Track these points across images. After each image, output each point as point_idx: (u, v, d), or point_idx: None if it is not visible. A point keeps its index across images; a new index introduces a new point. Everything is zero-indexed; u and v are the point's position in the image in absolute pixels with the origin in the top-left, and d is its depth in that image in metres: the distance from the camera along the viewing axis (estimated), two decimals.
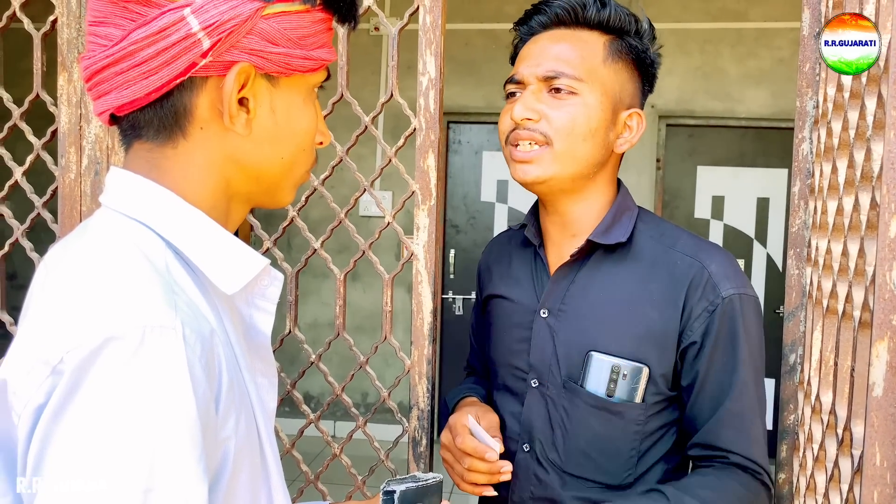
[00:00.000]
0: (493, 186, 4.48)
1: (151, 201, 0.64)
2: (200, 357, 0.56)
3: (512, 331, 1.09)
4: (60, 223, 1.25)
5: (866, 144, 0.75)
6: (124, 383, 0.51)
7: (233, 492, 0.61)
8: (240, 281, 0.66)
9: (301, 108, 0.68)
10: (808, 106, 1.07)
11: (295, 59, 0.65)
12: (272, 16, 0.62)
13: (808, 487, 0.95)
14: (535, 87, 1.01)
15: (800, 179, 1.08)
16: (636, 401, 0.99)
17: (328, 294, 4.47)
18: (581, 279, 1.04)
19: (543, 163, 1.00)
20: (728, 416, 0.96)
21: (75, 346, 0.52)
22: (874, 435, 0.65)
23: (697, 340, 0.98)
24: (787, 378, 1.10)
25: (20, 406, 0.53)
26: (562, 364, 1.03)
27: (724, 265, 1.00)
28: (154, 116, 0.63)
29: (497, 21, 4.17)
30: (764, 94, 4.17)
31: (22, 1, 1.26)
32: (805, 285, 1.07)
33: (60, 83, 1.24)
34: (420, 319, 1.16)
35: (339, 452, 1.25)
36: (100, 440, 0.50)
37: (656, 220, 1.08)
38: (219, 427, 0.58)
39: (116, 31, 0.60)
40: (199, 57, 0.60)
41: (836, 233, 0.88)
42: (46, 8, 1.24)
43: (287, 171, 0.70)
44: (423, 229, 1.15)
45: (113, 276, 0.57)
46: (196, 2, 0.60)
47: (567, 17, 1.02)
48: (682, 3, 4.23)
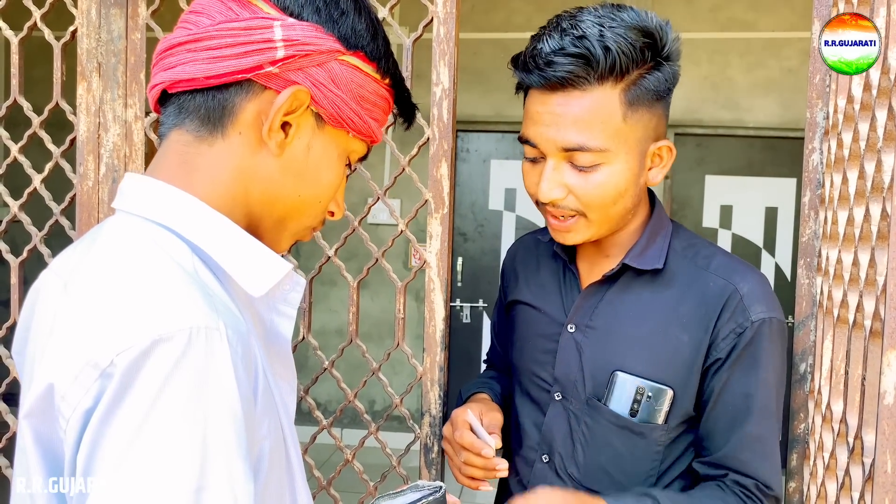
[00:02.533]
0: (500, 195, 4.50)
1: (174, 204, 0.64)
2: (242, 357, 0.57)
3: (537, 340, 1.09)
4: (78, 230, 1.27)
5: (877, 156, 0.76)
6: (174, 384, 0.52)
7: (266, 490, 0.62)
8: (266, 284, 0.67)
9: (333, 162, 0.71)
10: (818, 117, 1.08)
11: (348, 108, 0.68)
12: (346, 63, 0.67)
13: (818, 496, 0.95)
14: (555, 161, 0.95)
15: (810, 190, 1.09)
16: (658, 422, 0.99)
17: (336, 301, 4.49)
18: (611, 298, 1.04)
19: (580, 230, 0.99)
20: (748, 440, 0.97)
21: (124, 348, 0.52)
22: (885, 443, 0.66)
23: (721, 357, 0.97)
24: (798, 387, 1.11)
25: (68, 410, 0.54)
26: (587, 381, 1.03)
27: (756, 288, 0.98)
28: (203, 104, 0.65)
29: (506, 31, 4.20)
30: (772, 104, 4.18)
31: (43, 11, 1.28)
32: (815, 295, 1.08)
33: (80, 92, 1.26)
34: (433, 327, 1.17)
35: (351, 458, 1.26)
36: (151, 440, 0.51)
37: (690, 237, 1.07)
38: (256, 426, 0.60)
39: (207, 20, 0.64)
40: (269, 63, 0.63)
41: (847, 243, 0.88)
42: (67, 19, 1.27)
43: (297, 212, 0.71)
44: (435, 237, 1.17)
45: (152, 277, 0.58)
46: (288, 20, 0.64)
47: (573, 80, 0.91)
48: (691, 13, 4.24)
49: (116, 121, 1.25)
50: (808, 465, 1.06)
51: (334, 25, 0.66)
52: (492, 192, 4.51)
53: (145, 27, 1.25)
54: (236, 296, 0.65)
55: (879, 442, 0.67)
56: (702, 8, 4.23)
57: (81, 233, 1.26)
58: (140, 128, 1.25)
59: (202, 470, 0.52)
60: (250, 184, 0.68)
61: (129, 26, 1.24)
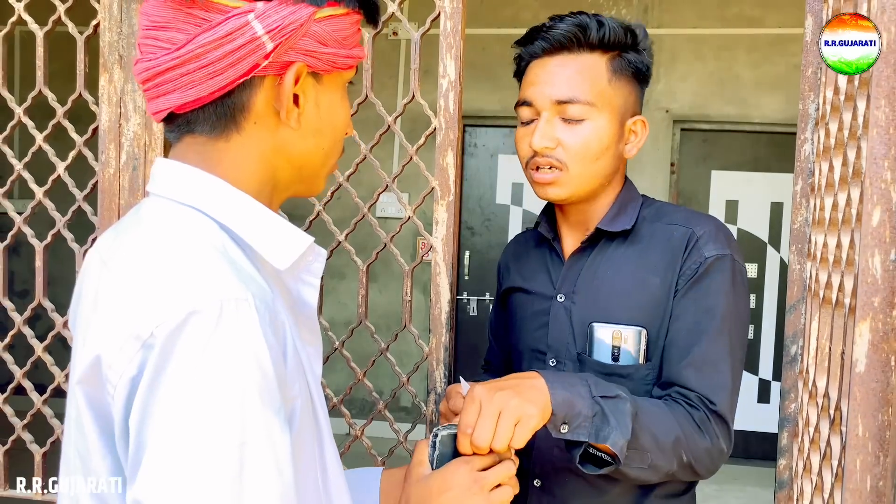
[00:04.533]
0: (508, 189, 4.55)
1: (203, 188, 0.69)
2: (270, 323, 0.62)
3: (533, 319, 1.18)
4: (100, 215, 1.33)
5: (857, 143, 0.81)
6: (210, 352, 0.57)
7: (300, 447, 0.67)
8: (290, 256, 0.71)
9: (339, 102, 0.76)
10: (810, 108, 1.12)
11: (340, 57, 0.72)
12: (322, 19, 0.69)
13: (805, 469, 1.00)
14: (548, 114, 1.08)
15: (801, 179, 1.13)
16: (640, 362, 1.08)
17: (345, 294, 4.54)
18: (590, 263, 1.15)
19: (562, 185, 1.10)
20: (693, 361, 1.04)
21: (162, 321, 0.58)
22: (857, 408, 0.71)
23: (680, 290, 1.08)
24: (789, 368, 1.15)
25: (115, 378, 0.59)
26: (577, 340, 1.12)
27: (712, 230, 1.10)
28: (213, 113, 0.68)
29: (513, 26, 4.23)
30: (778, 100, 4.20)
31: (67, 6, 1.34)
32: (805, 279, 1.13)
33: (102, 83, 1.31)
34: (438, 309, 1.22)
35: (360, 434, 1.31)
36: (194, 404, 0.56)
37: (658, 205, 1.18)
38: (288, 386, 0.64)
39: (180, 36, 0.65)
40: (263, 58, 0.66)
41: (832, 227, 0.93)
42: (89, 13, 1.32)
43: (325, 160, 0.76)
44: (441, 223, 1.22)
45: (185, 255, 0.63)
46: (258, 7, 0.65)
47: (570, 42, 1.08)
48: (698, 10, 4.27)
49: (137, 111, 1.31)
50: (797, 442, 1.11)
51: None
52: (499, 187, 4.56)
53: None
54: (263, 269, 0.70)
55: (851, 407, 0.71)
56: (709, 4, 4.26)
57: (103, 218, 1.32)
58: None
59: (243, 426, 0.58)
60: (276, 160, 0.72)
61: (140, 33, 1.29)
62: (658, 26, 4.28)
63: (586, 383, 0.94)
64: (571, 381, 0.94)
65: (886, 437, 0.70)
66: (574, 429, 0.92)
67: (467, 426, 0.85)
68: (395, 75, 4.45)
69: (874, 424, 0.70)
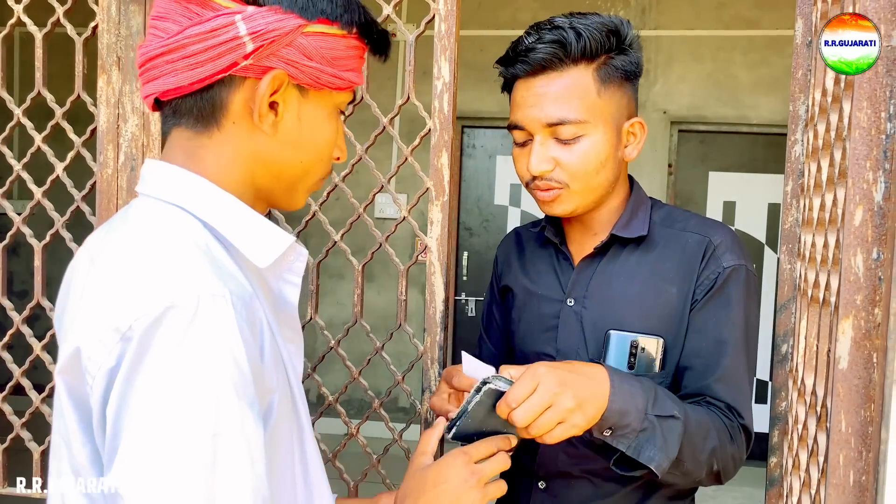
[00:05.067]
0: (506, 190, 4.56)
1: (188, 187, 0.72)
2: (247, 320, 0.64)
3: (539, 321, 1.17)
4: (98, 216, 1.34)
5: (843, 144, 0.82)
6: (186, 345, 0.59)
7: (277, 440, 0.69)
8: (271, 255, 0.74)
9: (324, 121, 0.77)
10: (800, 110, 1.13)
11: (325, 75, 0.73)
12: (312, 34, 0.71)
13: (794, 466, 1.01)
14: (541, 136, 1.06)
15: (792, 179, 1.15)
16: (655, 370, 1.08)
17: (343, 294, 4.56)
18: (602, 268, 1.14)
19: (565, 201, 1.09)
20: (721, 373, 1.06)
21: (140, 314, 0.60)
22: (840, 404, 0.72)
23: (698, 300, 1.08)
24: (779, 367, 1.16)
25: (94, 369, 0.61)
26: (589, 346, 1.12)
27: (728, 240, 1.11)
28: (194, 105, 0.71)
29: (512, 28, 4.25)
30: (775, 101, 4.22)
31: (66, 7, 1.35)
32: (796, 279, 1.14)
33: (100, 85, 1.33)
34: (433, 308, 1.23)
35: (356, 432, 1.32)
36: (169, 396, 0.59)
37: (667, 209, 1.18)
38: (265, 380, 0.67)
39: (174, 27, 0.69)
40: (242, 58, 0.68)
41: (820, 227, 0.94)
42: (87, 15, 1.33)
43: (304, 175, 0.78)
44: (436, 223, 1.23)
45: (166, 252, 0.65)
46: (248, 10, 0.68)
47: (551, 61, 1.04)
48: (695, 11, 4.28)
49: (135, 112, 1.32)
50: (787, 439, 1.12)
51: (292, 1, 0.70)
52: (497, 188, 4.57)
53: None
54: (245, 267, 0.72)
55: (834, 403, 0.72)
56: (706, 6, 4.28)
57: (101, 218, 1.33)
58: (157, 118, 1.32)
59: (217, 418, 0.59)
60: (253, 165, 0.74)
61: (148, 22, 1.31)
62: (655, 27, 4.30)
63: (646, 397, 0.95)
64: (633, 391, 0.94)
65: (869, 432, 0.71)
66: (617, 437, 0.94)
67: (515, 399, 0.85)
68: (394, 76, 4.46)
69: (857, 420, 0.72)
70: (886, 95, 0.72)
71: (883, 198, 0.72)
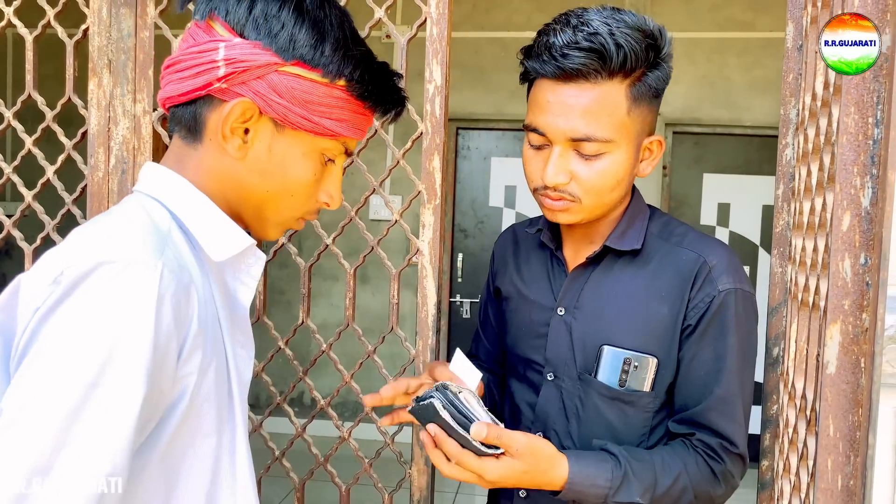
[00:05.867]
0: (500, 192, 4.56)
1: (166, 184, 0.78)
2: (173, 295, 0.67)
3: (530, 327, 1.16)
4: (89, 219, 1.33)
5: (832, 148, 0.82)
6: (102, 297, 0.64)
7: (193, 430, 0.72)
8: (227, 251, 0.79)
9: (298, 160, 0.79)
10: (791, 114, 1.14)
11: (292, 113, 0.76)
12: (286, 73, 0.75)
13: (784, 469, 1.01)
14: (562, 148, 1.01)
15: (783, 183, 1.15)
16: (645, 389, 1.07)
17: (338, 297, 4.55)
18: (595, 279, 1.11)
19: (573, 213, 1.05)
20: (715, 401, 1.04)
21: (74, 264, 0.65)
22: (828, 408, 0.72)
23: (692, 324, 1.05)
24: (771, 370, 1.17)
25: (26, 310, 0.66)
26: (577, 358, 1.10)
27: (724, 261, 1.06)
28: (183, 116, 0.78)
29: (506, 30, 4.25)
30: (770, 103, 4.23)
31: (56, 10, 1.35)
32: (787, 283, 1.14)
33: (91, 88, 1.32)
34: (425, 312, 1.23)
35: (347, 436, 1.32)
36: (69, 338, 0.63)
37: (665, 220, 1.14)
38: (181, 362, 0.69)
39: (185, 44, 0.78)
40: (216, 80, 0.74)
41: (810, 231, 0.94)
42: (78, 17, 1.33)
43: (270, 204, 0.81)
44: (428, 227, 1.23)
45: (119, 225, 0.71)
46: (234, 40, 0.74)
47: (586, 73, 0.97)
48: (690, 13, 4.29)
49: (126, 115, 1.32)
50: (778, 442, 1.12)
51: (273, 39, 0.74)
52: (492, 189, 4.57)
53: (153, 26, 1.31)
54: (204, 261, 0.77)
55: (822, 408, 0.73)
56: (700, 8, 4.29)
57: None
58: (148, 122, 1.32)
59: (101, 370, 0.63)
60: (223, 181, 0.79)
61: (139, 25, 1.31)
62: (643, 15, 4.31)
63: (610, 485, 0.98)
64: (596, 482, 0.98)
65: (857, 437, 0.71)
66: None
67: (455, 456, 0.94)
68: None
69: (845, 425, 0.72)
70: (874, 101, 0.72)
71: (870, 203, 0.72)
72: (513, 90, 3.64)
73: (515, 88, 1.10)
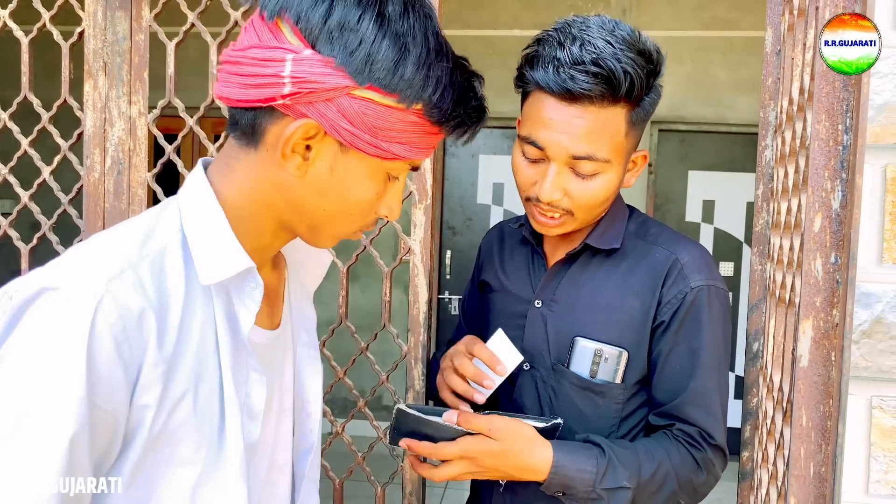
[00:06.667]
0: (489, 189, 4.59)
1: (192, 192, 0.75)
2: (114, 325, 0.64)
3: (510, 319, 1.20)
4: (85, 219, 1.36)
5: (806, 152, 0.86)
6: (38, 328, 0.63)
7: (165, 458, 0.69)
8: (218, 275, 0.71)
9: (361, 181, 0.73)
10: (769, 116, 1.18)
11: (361, 140, 0.69)
12: (358, 98, 0.68)
13: (763, 459, 1.05)
14: (558, 165, 1.03)
15: (763, 183, 1.19)
16: (616, 381, 1.11)
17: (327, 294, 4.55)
18: (571, 274, 1.16)
19: (565, 226, 1.10)
20: (692, 394, 1.08)
21: (22, 288, 0.64)
22: (801, 399, 0.76)
23: (665, 321, 1.09)
24: (751, 365, 1.21)
25: None
26: (552, 349, 1.14)
27: (696, 258, 1.11)
28: (240, 119, 0.72)
29: (494, 28, 4.28)
30: (754, 102, 4.28)
31: (52, 13, 1.37)
32: (766, 280, 1.18)
33: (87, 90, 1.34)
34: (416, 309, 1.27)
35: (341, 431, 1.35)
36: (9, 364, 0.62)
37: (643, 220, 1.19)
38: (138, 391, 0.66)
39: (246, 40, 0.69)
40: (280, 97, 0.67)
41: (787, 230, 0.99)
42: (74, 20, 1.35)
43: (327, 222, 0.76)
44: (419, 226, 1.26)
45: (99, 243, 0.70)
46: (304, 53, 0.67)
47: (594, 95, 0.99)
48: (675, 12, 4.34)
49: (121, 116, 1.34)
50: (758, 434, 1.17)
51: (348, 57, 0.66)
52: (480, 187, 4.61)
53: (148, 28, 1.33)
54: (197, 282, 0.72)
55: (796, 399, 0.77)
56: (685, 7, 4.33)
57: (88, 221, 1.35)
58: (143, 123, 1.34)
59: (32, 399, 0.62)
60: (276, 194, 0.74)
61: (133, 28, 1.33)
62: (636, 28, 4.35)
63: (596, 472, 1.02)
64: (582, 467, 1.02)
65: (828, 426, 0.75)
66: (569, 500, 1.04)
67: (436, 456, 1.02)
68: None
69: (816, 415, 0.76)
70: (843, 109, 0.76)
71: (840, 206, 0.76)
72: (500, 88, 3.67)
73: (502, 87, 1.13)
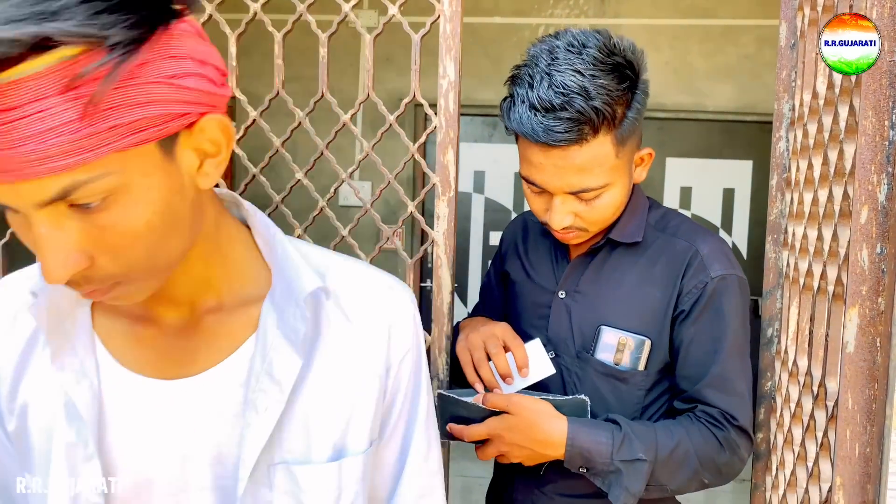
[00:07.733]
0: (469, 177, 4.60)
1: None
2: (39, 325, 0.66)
3: (534, 309, 1.24)
4: None
5: (839, 146, 0.89)
6: None
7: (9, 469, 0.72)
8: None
9: None
10: (784, 109, 1.21)
11: None
12: None
13: (786, 441, 1.09)
14: (561, 197, 1.08)
15: (777, 174, 1.22)
16: (640, 369, 1.14)
17: None
18: (595, 266, 1.20)
19: (584, 236, 1.16)
20: (713, 379, 1.12)
21: None
22: (847, 384, 0.80)
23: (686, 310, 1.13)
24: (765, 349, 1.25)
25: None
26: (576, 337, 1.18)
27: (715, 249, 1.15)
28: None
29: (475, 15, 4.28)
30: (730, 89, 4.36)
31: None
32: (781, 267, 1.22)
33: None
34: (440, 299, 1.28)
35: None
36: None
37: (663, 212, 1.24)
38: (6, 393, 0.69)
39: None
40: None
41: (812, 220, 1.02)
42: None
43: None
44: (442, 218, 1.27)
45: None
46: None
47: (572, 139, 1.01)
48: (653, 1, 4.39)
49: None
50: (774, 417, 1.21)
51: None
52: (461, 175, 4.61)
53: None
54: None
55: (842, 385, 0.80)
56: None
57: None
58: None
59: None
60: None
61: None
62: (615, 16, 4.39)
63: (611, 445, 1.05)
64: (597, 439, 1.06)
65: (873, 409, 0.79)
66: (592, 475, 1.08)
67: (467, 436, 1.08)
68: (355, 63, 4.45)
69: (862, 398, 0.80)
70: (889, 106, 0.79)
71: (886, 198, 0.79)
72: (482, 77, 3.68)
73: (485, 75, 1.16)
